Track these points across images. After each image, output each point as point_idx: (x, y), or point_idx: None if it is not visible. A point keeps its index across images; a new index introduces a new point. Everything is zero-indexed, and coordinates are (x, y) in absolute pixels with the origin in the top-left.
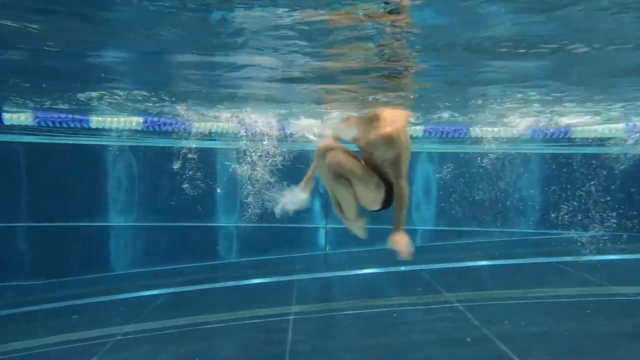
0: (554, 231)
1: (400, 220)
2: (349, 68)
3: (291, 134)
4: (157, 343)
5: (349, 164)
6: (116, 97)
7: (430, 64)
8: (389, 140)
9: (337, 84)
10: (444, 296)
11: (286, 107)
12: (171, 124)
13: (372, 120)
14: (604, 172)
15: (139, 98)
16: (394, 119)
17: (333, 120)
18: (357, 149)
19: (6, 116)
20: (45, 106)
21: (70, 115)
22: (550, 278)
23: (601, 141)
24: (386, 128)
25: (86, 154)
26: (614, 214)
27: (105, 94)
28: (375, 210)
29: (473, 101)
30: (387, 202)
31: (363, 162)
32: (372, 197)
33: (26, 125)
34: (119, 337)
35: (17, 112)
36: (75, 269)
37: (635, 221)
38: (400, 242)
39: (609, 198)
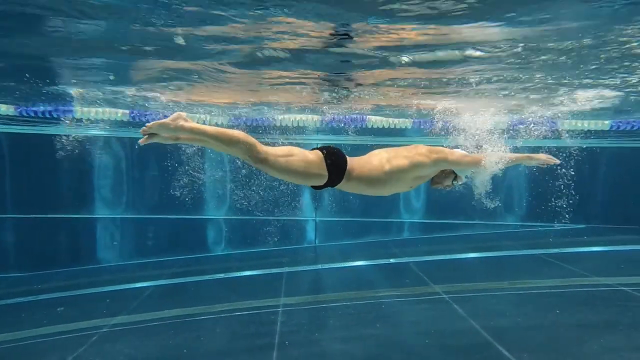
0: (539, 223)
1: (513, 157)
2: None
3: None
4: (146, 335)
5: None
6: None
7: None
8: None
9: None
10: (431, 288)
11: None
12: (158, 113)
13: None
14: (589, 165)
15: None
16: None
17: None
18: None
19: None
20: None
21: (54, 106)
22: (537, 270)
23: (585, 134)
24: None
25: (72, 144)
26: (598, 206)
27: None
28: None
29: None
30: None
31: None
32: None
33: (7, 115)
34: (106, 329)
35: None
36: (62, 261)
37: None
38: (540, 157)
39: (593, 191)
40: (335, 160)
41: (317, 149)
